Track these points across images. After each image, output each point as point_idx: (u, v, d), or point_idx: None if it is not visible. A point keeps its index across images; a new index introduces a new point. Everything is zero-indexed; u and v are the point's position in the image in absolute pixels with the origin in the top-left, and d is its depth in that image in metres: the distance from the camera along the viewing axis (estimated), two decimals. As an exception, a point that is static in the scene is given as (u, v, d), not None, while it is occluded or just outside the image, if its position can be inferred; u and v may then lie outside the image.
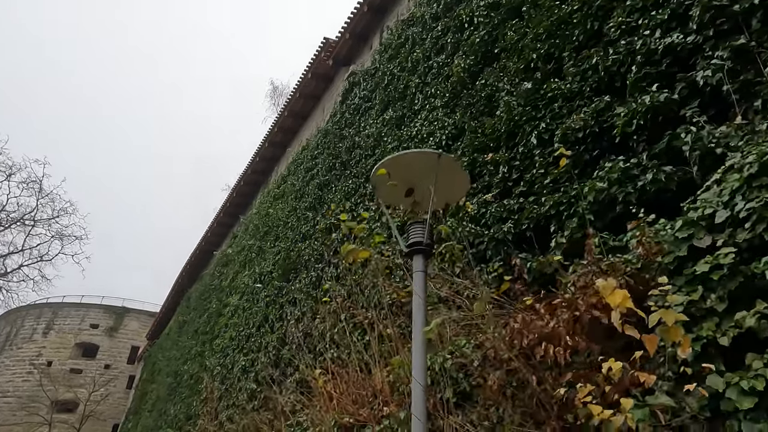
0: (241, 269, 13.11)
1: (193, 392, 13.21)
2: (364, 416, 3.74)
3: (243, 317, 11.00)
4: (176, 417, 13.92)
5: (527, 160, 4.31)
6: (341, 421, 4.09)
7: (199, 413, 11.28)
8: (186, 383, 14.56)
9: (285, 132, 15.13)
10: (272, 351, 8.39)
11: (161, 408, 17.58)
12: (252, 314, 10.42)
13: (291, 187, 11.61)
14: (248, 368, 9.39)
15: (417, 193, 3.11)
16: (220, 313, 13.50)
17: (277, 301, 9.20)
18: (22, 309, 36.12)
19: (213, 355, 12.34)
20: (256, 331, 9.74)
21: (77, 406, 31.21)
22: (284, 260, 9.78)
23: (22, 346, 34.45)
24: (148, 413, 20.74)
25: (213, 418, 10.15)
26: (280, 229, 11.10)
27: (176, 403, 14.86)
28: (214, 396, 10.74)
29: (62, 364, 33.73)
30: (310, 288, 7.71)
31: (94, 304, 36.86)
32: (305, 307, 7.72)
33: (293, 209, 10.75)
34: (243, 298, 11.62)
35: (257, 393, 8.38)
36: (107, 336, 35.77)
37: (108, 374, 33.35)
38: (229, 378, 10.15)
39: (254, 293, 10.94)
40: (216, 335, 13.02)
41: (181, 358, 17.53)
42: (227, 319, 12.40)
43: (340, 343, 6.02)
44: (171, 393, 16.66)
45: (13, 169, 23.46)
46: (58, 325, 35.38)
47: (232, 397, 9.49)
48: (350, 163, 8.51)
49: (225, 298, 13.52)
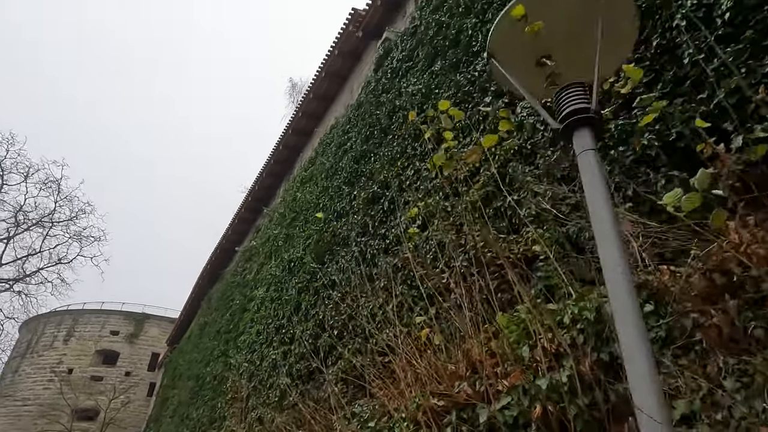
0: (267, 260, 12.21)
1: (216, 394, 12.30)
2: (465, 394, 2.73)
3: (271, 309, 10.07)
4: (199, 421, 13.02)
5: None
6: (427, 403, 3.08)
7: (225, 415, 10.35)
8: (209, 385, 13.67)
9: (309, 117, 14.26)
10: (308, 340, 7.42)
11: (183, 413, 16.72)
12: (281, 304, 9.49)
13: (320, 168, 10.70)
14: (280, 362, 8.43)
15: (557, 57, 2.11)
16: (244, 309, 12.60)
17: (311, 287, 8.24)
18: (42, 316, 35.89)
19: (238, 352, 11.43)
20: (287, 322, 8.80)
21: (98, 414, 30.64)
22: (317, 243, 8.83)
23: (43, 354, 34.08)
24: (169, 419, 19.92)
25: (241, 419, 9.21)
26: (310, 212, 10.17)
27: (199, 406, 13.97)
28: (241, 395, 9.80)
29: (83, 371, 33.25)
30: (352, 264, 6.73)
31: (114, 310, 36.42)
32: (347, 287, 6.75)
33: (324, 189, 9.82)
34: (270, 289, 10.70)
35: (292, 387, 7.41)
36: (127, 343, 35.24)
37: (128, 381, 32.76)
38: (257, 375, 9.20)
39: (283, 282, 10.01)
40: (241, 332, 12.11)
41: (202, 360, 16.68)
42: (253, 313, 11.49)
43: (395, 321, 5.03)
44: (193, 397, 15.79)
45: (31, 170, 23.09)
46: (79, 332, 34.98)
47: (262, 395, 8.53)
48: (392, 127, 7.55)
49: (250, 292, 12.63)
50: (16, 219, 23.67)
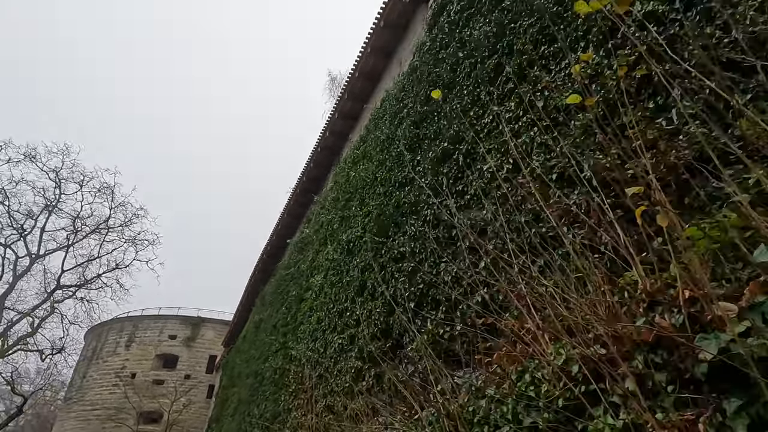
0: (322, 247, 11.69)
1: (278, 387, 11.88)
2: (655, 331, 1.97)
3: (331, 294, 9.51)
4: (262, 417, 12.66)
5: None
6: (580, 353, 2.33)
7: (290, 407, 9.87)
8: (269, 380, 13.30)
9: (355, 99, 13.69)
10: (379, 319, 6.77)
11: (244, 411, 16.51)
12: (342, 288, 8.90)
13: (374, 143, 10.06)
14: (347, 347, 7.83)
15: None
16: (301, 299, 12.14)
17: (375, 264, 7.60)
18: (105, 323, 37.21)
19: (299, 343, 10.95)
20: (351, 304, 8.19)
21: (161, 416, 31.32)
22: (378, 218, 8.19)
23: (107, 360, 35.24)
24: (230, 418, 19.85)
25: (308, 410, 8.68)
26: (366, 190, 9.54)
27: (260, 402, 13.64)
28: (306, 386, 9.28)
29: (145, 375, 34.13)
30: (425, 230, 6.02)
31: (171, 315, 37.26)
32: (420, 255, 6.04)
33: (381, 163, 9.17)
34: (329, 275, 10.15)
35: (365, 371, 6.77)
36: (185, 346, 35.95)
37: (188, 384, 33.35)
38: (322, 363, 8.65)
39: (342, 265, 9.42)
40: (299, 322, 11.64)
41: (260, 357, 16.42)
42: (311, 302, 10.99)
43: (498, 276, 4.28)
44: (253, 394, 15.53)
45: (86, 178, 23.72)
46: (139, 338, 35.97)
47: (329, 383, 7.96)
48: (458, 80, 6.79)
49: (306, 281, 12.16)
50: (74, 226, 24.44)
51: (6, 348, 22.42)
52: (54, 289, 24.36)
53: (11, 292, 23.30)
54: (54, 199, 23.98)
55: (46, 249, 24.71)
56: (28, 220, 23.86)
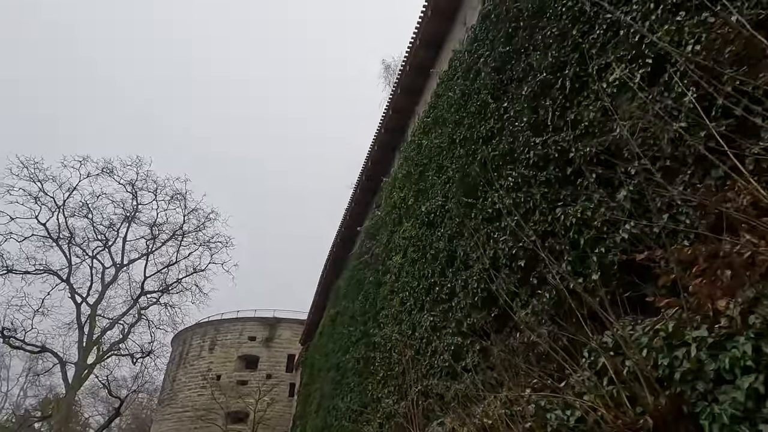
0: (397, 227, 11.01)
1: (363, 378, 11.36)
2: None
3: (413, 272, 8.80)
4: (348, 409, 12.21)
5: None
6: None
7: (379, 396, 9.26)
8: (352, 371, 12.84)
9: (416, 69, 12.90)
10: (477, 288, 5.96)
11: (327, 405, 16.23)
12: (427, 262, 8.15)
13: (447, 104, 9.23)
14: (439, 324, 7.07)
15: None
16: (379, 284, 11.53)
17: (465, 229, 6.78)
18: (189, 329, 38.82)
19: (381, 329, 10.34)
20: (440, 278, 7.42)
21: (248, 415, 32.09)
22: (461, 181, 7.37)
23: (193, 363, 36.70)
24: (314, 414, 19.74)
25: (401, 396, 8.01)
26: (444, 155, 8.74)
27: (344, 395, 13.22)
28: (395, 371, 8.63)
29: (229, 376, 35.18)
30: (530, 174, 5.13)
31: (249, 317, 38.23)
32: (525, 206, 5.17)
33: (458, 123, 8.34)
34: (408, 252, 9.44)
35: (466, 347, 5.98)
36: (264, 347, 36.73)
37: (270, 383, 34.00)
38: (412, 345, 7.95)
39: (423, 239, 8.68)
40: (379, 308, 11.04)
41: (339, 349, 16.06)
42: (391, 284, 10.33)
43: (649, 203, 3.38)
44: (336, 387, 15.17)
45: (159, 187, 24.60)
46: (221, 341, 37.16)
47: (422, 365, 7.24)
48: (548, 6, 5.81)
49: (382, 265, 11.53)
50: (152, 233, 25.51)
51: (101, 354, 23.81)
52: (139, 295, 25.57)
53: (101, 301, 24.69)
54: (132, 210, 25.23)
55: (129, 258, 26.01)
56: (110, 231, 25.22)
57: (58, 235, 24.39)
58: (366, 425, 9.78)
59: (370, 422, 9.34)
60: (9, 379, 49.87)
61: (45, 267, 24.11)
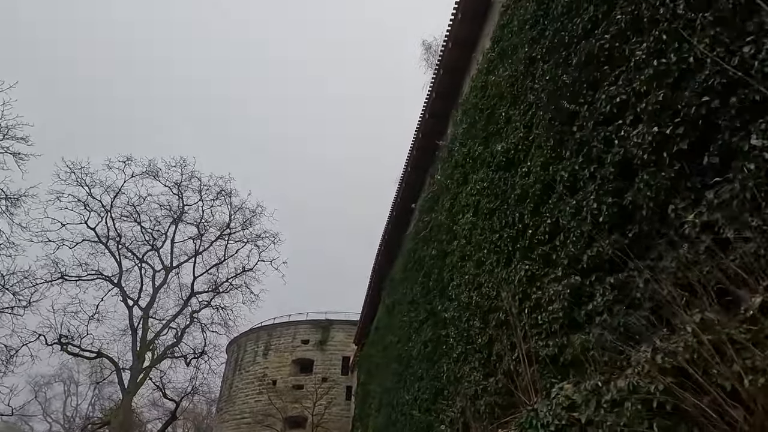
0: (461, 186, 9.64)
1: (434, 362, 9.99)
2: None
3: (492, 224, 7.39)
4: (418, 399, 10.85)
5: None
6: None
7: (459, 375, 7.85)
8: (418, 358, 11.49)
9: (461, 46, 11.70)
10: (601, 207, 4.50)
11: (391, 400, 14.91)
12: (511, 206, 6.72)
13: (518, 26, 7.80)
14: (539, 272, 5.63)
15: None
16: (444, 254, 10.16)
17: (568, 144, 5.34)
18: (243, 335, 38.57)
19: (453, 301, 8.95)
20: (532, 218, 5.99)
21: (305, 419, 31.27)
22: (552, 96, 5.94)
23: (249, 369, 36.34)
24: (375, 413, 18.46)
25: (492, 369, 6.58)
26: (519, 83, 7.32)
27: (411, 386, 11.88)
28: (479, 343, 7.21)
29: (284, 381, 34.55)
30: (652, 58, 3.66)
31: (301, 321, 37.60)
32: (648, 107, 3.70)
33: (533, 41, 6.93)
34: (482, 204, 8.05)
35: (587, 287, 4.52)
36: (318, 350, 35.92)
37: (326, 386, 33.12)
38: (498, 307, 6.52)
39: (500, 183, 7.27)
40: (447, 282, 9.66)
41: (399, 340, 14.74)
42: (461, 250, 8.95)
43: None
44: (399, 380, 13.84)
45: (204, 186, 24.17)
46: (275, 345, 36.66)
47: (518, 327, 5.80)
48: None
49: (447, 233, 10.17)
50: (199, 231, 25.12)
51: (157, 358, 23.52)
52: (189, 296, 25.18)
53: (153, 305, 24.45)
54: (179, 211, 24.90)
55: (178, 260, 25.74)
56: (158, 233, 24.97)
57: (107, 239, 24.19)
58: (443, 412, 8.39)
59: (450, 407, 7.95)
60: (78, 393, 51.55)
61: (97, 272, 23.97)
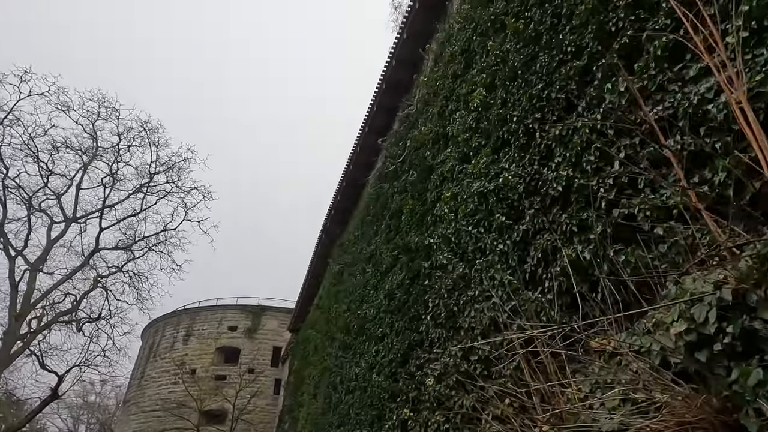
0: (459, 77, 7.38)
1: (402, 314, 7.60)
2: None
3: (524, 79, 5.15)
4: (376, 365, 8.40)
5: None
6: None
7: (458, 310, 5.49)
8: (379, 315, 9.06)
9: None
10: None
11: (332, 380, 12.32)
12: (565, 31, 4.50)
13: None
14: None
15: None
16: (430, 169, 7.83)
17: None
18: (160, 319, 34.32)
19: (437, 227, 6.62)
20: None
21: (226, 414, 27.82)
22: None
23: (165, 356, 32.19)
24: (312, 399, 15.74)
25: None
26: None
27: (367, 350, 9.42)
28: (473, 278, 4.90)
29: (206, 370, 30.82)
30: None
31: (230, 305, 33.90)
32: None
33: None
34: (509, 62, 5.80)
35: None
36: (247, 338, 32.43)
37: (251, 377, 29.79)
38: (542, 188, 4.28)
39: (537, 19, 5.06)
40: (431, 204, 7.33)
41: (349, 307, 12.22)
42: (464, 142, 6.65)
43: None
44: (347, 353, 11.33)
45: (125, 129, 19.96)
46: (198, 331, 32.78)
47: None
48: None
49: (437, 138, 7.85)
50: (113, 179, 20.85)
51: (44, 325, 18.83)
52: (93, 251, 20.80)
53: (46, 260, 19.84)
54: (91, 154, 20.37)
55: (84, 213, 21.18)
56: (63, 177, 20.45)
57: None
58: (426, 366, 5.98)
59: (441, 355, 5.55)
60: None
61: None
